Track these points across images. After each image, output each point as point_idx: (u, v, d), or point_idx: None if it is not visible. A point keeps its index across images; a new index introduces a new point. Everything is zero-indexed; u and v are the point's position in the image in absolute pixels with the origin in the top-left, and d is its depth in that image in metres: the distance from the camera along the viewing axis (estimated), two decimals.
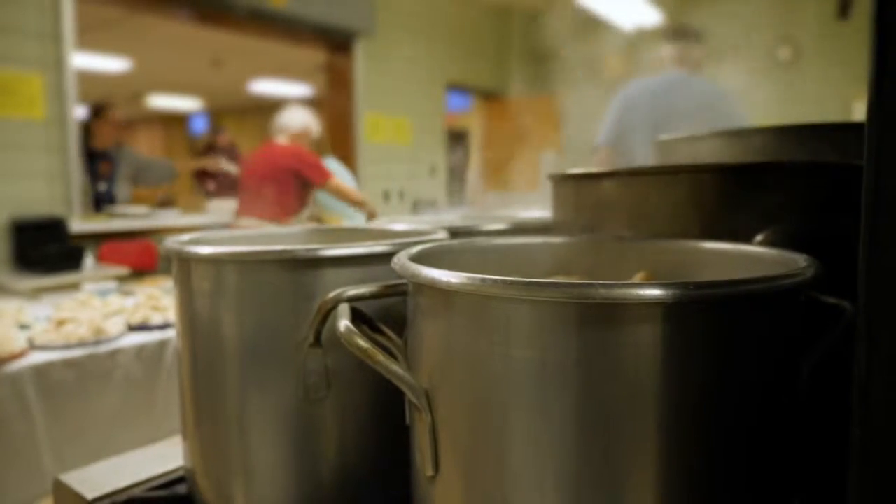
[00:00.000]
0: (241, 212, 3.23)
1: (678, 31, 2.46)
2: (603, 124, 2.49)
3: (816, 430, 0.52)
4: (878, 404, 0.32)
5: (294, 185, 3.11)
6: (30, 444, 1.74)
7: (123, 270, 3.35)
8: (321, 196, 3.76)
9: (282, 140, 3.22)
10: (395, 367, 0.48)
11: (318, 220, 3.84)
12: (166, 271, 3.72)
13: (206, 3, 4.21)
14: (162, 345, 2.03)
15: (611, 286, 0.39)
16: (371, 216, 3.24)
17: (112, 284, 2.56)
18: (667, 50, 2.38)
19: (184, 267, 0.67)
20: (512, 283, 0.41)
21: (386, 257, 0.62)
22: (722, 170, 0.65)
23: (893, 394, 0.32)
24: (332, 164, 3.98)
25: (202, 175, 5.50)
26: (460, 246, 0.64)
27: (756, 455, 0.43)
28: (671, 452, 0.40)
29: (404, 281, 0.53)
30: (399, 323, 0.59)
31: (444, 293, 0.45)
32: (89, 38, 4.69)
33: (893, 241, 0.31)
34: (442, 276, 0.44)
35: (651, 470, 0.41)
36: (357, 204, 3.24)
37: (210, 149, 6.63)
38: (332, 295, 0.57)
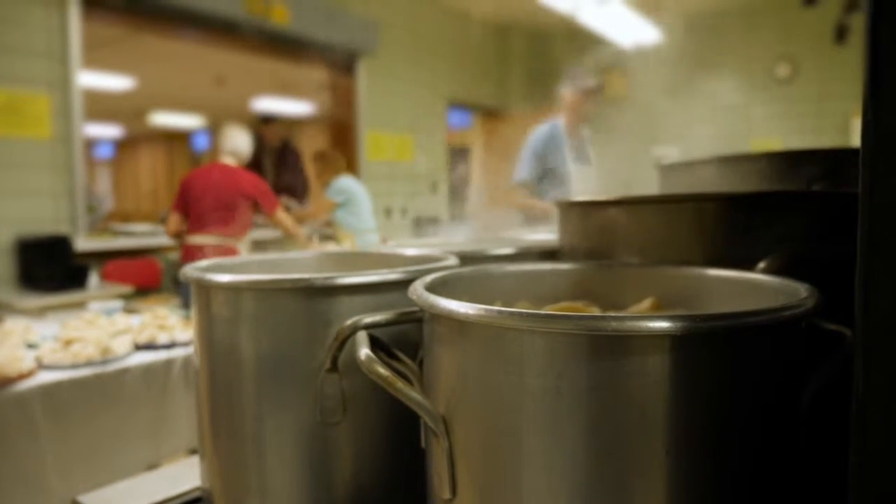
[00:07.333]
0: (195, 228, 3.33)
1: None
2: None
3: (818, 454, 0.54)
4: (874, 428, 0.34)
5: (251, 209, 3.48)
6: (36, 463, 1.75)
7: (127, 288, 3.37)
8: (340, 215, 4.03)
9: (230, 161, 3.44)
10: (414, 395, 0.50)
11: (334, 238, 3.96)
12: (170, 289, 3.74)
13: (211, 22, 4.27)
14: (168, 364, 2.04)
15: (622, 319, 0.40)
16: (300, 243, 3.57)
17: (118, 303, 2.58)
18: None
19: (203, 293, 0.69)
20: (527, 314, 0.43)
21: (399, 284, 0.64)
22: (726, 199, 0.67)
23: (889, 419, 0.33)
24: (347, 182, 4.02)
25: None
26: (472, 273, 0.66)
27: (760, 478, 0.45)
28: (679, 476, 0.42)
29: (418, 308, 0.55)
30: (412, 347, 0.61)
31: (461, 323, 0.47)
32: (93, 57, 4.73)
33: (888, 270, 0.32)
34: (459, 307, 0.46)
35: (660, 494, 0.42)
36: (292, 235, 3.55)
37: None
38: (349, 322, 0.59)
